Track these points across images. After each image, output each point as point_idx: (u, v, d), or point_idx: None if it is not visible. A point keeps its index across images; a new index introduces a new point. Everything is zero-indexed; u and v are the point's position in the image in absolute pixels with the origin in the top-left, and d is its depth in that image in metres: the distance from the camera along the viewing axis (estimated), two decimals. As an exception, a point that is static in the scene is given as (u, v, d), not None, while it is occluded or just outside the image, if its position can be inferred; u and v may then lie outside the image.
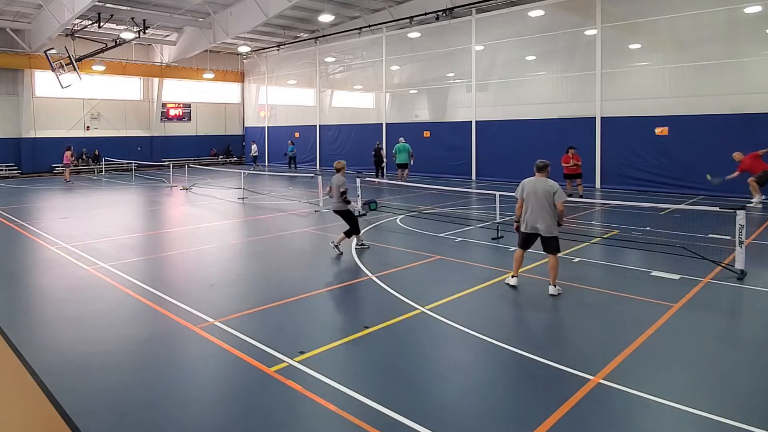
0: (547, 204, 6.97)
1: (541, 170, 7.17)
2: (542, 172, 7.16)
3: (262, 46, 31.55)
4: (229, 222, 13.58)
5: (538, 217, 7.04)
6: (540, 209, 7.01)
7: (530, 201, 7.10)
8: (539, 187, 7.04)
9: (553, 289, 7.09)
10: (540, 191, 7.01)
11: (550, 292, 7.07)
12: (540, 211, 7.01)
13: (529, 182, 7.19)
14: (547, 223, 7.01)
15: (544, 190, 6.99)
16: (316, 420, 4.26)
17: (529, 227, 7.14)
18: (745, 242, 7.72)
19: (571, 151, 16.34)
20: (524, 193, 7.18)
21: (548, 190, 6.97)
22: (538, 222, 7.05)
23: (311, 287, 7.61)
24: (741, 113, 16.17)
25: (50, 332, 6.14)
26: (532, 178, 7.21)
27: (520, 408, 4.37)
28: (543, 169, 7.17)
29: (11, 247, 10.68)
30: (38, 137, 27.26)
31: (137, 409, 4.35)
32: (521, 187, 7.24)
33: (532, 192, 7.09)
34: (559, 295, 7.05)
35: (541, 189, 7.02)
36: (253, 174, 25.94)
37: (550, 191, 6.96)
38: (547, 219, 7.00)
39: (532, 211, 7.09)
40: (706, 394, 4.54)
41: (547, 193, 6.96)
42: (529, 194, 7.12)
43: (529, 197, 7.12)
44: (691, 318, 6.33)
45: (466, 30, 22.36)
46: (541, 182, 7.07)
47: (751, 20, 16.25)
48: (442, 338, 5.81)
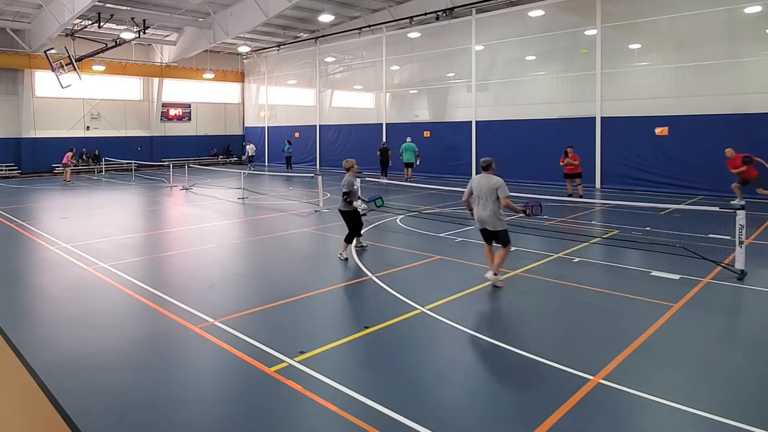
0: (491, 200, 7.24)
1: (486, 168, 7.46)
2: (487, 170, 7.44)
3: (262, 46, 31.56)
4: (229, 222, 13.58)
5: (482, 212, 7.34)
6: (485, 205, 7.30)
7: (477, 198, 7.40)
8: (483, 183, 7.33)
9: (492, 276, 7.31)
10: (484, 188, 7.29)
11: (486, 275, 7.35)
12: (485, 207, 7.30)
13: (476, 179, 7.50)
14: (492, 219, 7.29)
15: (488, 186, 7.27)
16: (316, 420, 4.25)
17: (479, 224, 7.47)
18: (745, 242, 7.72)
19: (568, 149, 16.36)
20: (472, 190, 7.49)
21: (491, 186, 7.24)
22: (482, 217, 7.37)
23: (311, 287, 7.61)
24: (741, 113, 16.17)
25: (50, 332, 6.14)
26: (479, 175, 7.52)
27: (520, 408, 4.37)
28: (488, 168, 7.45)
29: (11, 247, 10.68)
30: (38, 137, 27.26)
31: (137, 409, 4.35)
32: (469, 185, 7.58)
33: (477, 189, 7.39)
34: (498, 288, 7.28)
35: (485, 185, 7.29)
36: (253, 174, 25.94)
37: (493, 187, 7.22)
38: (491, 214, 7.27)
39: (478, 208, 7.40)
40: (706, 394, 4.54)
41: (490, 189, 7.24)
42: (475, 191, 7.42)
43: (475, 194, 7.43)
44: (691, 318, 6.33)
45: (466, 30, 22.35)
46: (485, 179, 7.36)
47: (751, 20, 16.25)
48: (442, 338, 5.81)
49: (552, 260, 8.96)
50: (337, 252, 9.36)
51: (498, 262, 7.35)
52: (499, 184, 7.23)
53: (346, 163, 9.45)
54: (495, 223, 7.30)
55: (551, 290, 7.50)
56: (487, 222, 7.34)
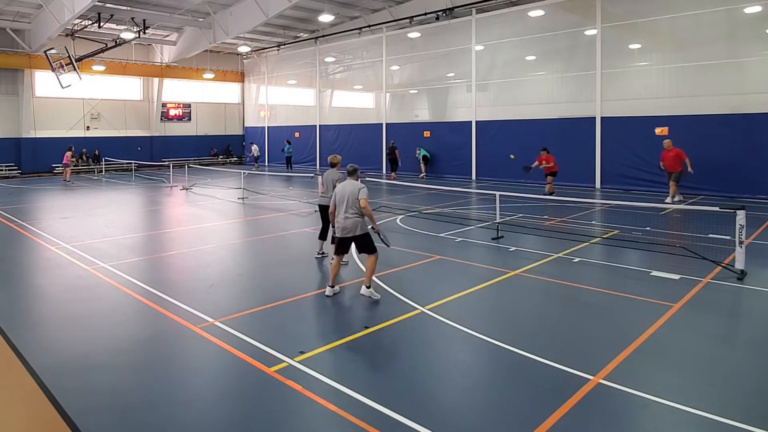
0: (354, 206, 7.03)
1: (351, 174, 7.32)
2: (352, 176, 7.30)
3: (262, 46, 31.55)
4: (229, 222, 13.58)
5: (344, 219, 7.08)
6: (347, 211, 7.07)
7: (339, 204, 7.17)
8: (347, 189, 7.12)
9: (366, 289, 7.06)
10: (348, 193, 7.08)
11: (362, 291, 7.09)
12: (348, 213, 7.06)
13: (339, 186, 7.31)
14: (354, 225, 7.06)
15: (351, 191, 7.07)
16: (316, 420, 4.25)
17: (340, 231, 7.17)
18: (745, 242, 7.72)
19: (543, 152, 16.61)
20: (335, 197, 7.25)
21: (353, 191, 7.06)
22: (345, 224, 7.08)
23: (311, 287, 7.61)
24: (741, 113, 16.17)
25: (50, 332, 6.14)
26: (343, 182, 7.34)
27: (520, 408, 4.37)
28: (352, 173, 7.32)
29: (11, 247, 10.68)
30: (38, 137, 27.26)
31: (137, 409, 4.35)
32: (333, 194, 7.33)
33: (341, 195, 7.15)
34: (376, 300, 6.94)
35: (348, 191, 7.09)
36: (253, 174, 25.93)
37: (356, 191, 7.05)
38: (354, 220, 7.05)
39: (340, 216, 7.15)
40: (706, 394, 4.54)
41: (353, 193, 7.05)
42: (338, 197, 7.18)
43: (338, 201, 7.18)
44: (691, 318, 6.33)
45: (466, 30, 22.35)
46: (349, 184, 7.17)
47: (751, 20, 16.25)
48: (442, 338, 5.81)
49: (552, 260, 8.96)
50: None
51: (370, 273, 7.06)
52: (361, 187, 7.08)
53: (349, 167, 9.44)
54: (356, 228, 7.04)
55: (551, 290, 7.50)
56: (349, 228, 7.04)
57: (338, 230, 7.16)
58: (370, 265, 7.05)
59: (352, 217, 7.01)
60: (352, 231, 7.03)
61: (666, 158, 14.92)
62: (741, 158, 15.90)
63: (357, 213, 7.02)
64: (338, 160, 9.34)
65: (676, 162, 14.61)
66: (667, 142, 15.03)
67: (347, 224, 7.04)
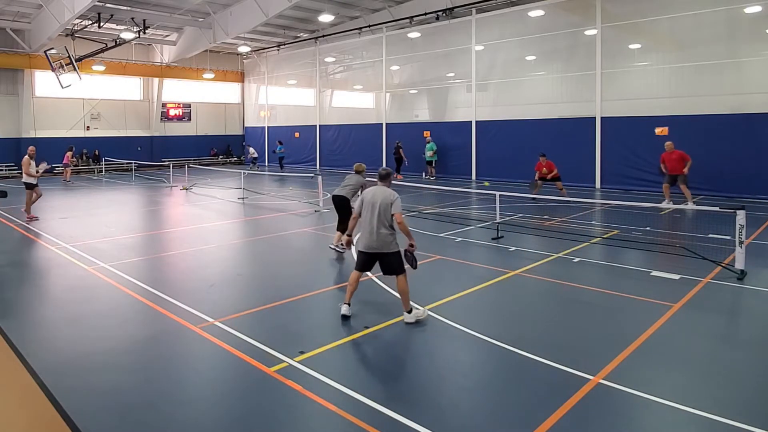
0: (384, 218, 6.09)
1: (383, 179, 6.37)
2: (383, 181, 6.36)
3: (262, 46, 31.55)
4: (229, 222, 13.58)
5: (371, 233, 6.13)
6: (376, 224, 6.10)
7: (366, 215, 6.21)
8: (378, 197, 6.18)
9: (409, 316, 6.10)
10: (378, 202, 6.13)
11: (406, 320, 6.09)
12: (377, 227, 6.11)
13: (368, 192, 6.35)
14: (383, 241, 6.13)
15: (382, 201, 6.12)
16: (316, 420, 4.26)
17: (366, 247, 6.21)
18: (745, 242, 7.72)
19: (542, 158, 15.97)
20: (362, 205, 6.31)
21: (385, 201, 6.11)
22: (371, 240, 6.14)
23: (311, 287, 7.61)
24: (741, 113, 16.16)
25: (50, 332, 6.14)
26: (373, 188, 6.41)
27: (520, 408, 4.37)
28: (385, 178, 6.38)
29: (11, 247, 10.68)
30: (38, 137, 27.23)
31: (137, 409, 4.35)
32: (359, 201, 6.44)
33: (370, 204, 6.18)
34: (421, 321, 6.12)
35: (379, 199, 6.14)
36: (253, 174, 25.93)
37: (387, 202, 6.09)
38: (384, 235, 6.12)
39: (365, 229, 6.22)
40: (706, 394, 4.53)
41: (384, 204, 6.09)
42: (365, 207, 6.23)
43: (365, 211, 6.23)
44: (691, 318, 6.33)
45: (466, 30, 22.35)
46: (380, 192, 6.23)
47: (751, 20, 16.25)
48: (442, 338, 5.81)
49: (552, 260, 8.96)
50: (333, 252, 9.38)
51: (405, 297, 6.12)
52: (395, 198, 6.10)
53: (358, 167, 9.64)
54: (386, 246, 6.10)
55: (551, 290, 7.50)
56: (376, 246, 6.10)
57: (363, 245, 6.20)
58: (402, 288, 6.12)
59: (382, 233, 6.06)
60: (381, 249, 6.10)
61: (669, 160, 14.37)
62: (741, 158, 15.90)
63: (389, 228, 6.09)
64: (363, 168, 9.40)
65: (679, 164, 14.09)
66: (669, 144, 14.54)
67: (376, 240, 6.09)
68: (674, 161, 14.19)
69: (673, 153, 14.23)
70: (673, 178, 14.28)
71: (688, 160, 14.06)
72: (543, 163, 15.96)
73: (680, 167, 14.08)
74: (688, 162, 14.03)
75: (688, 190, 13.99)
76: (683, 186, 14.06)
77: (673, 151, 14.25)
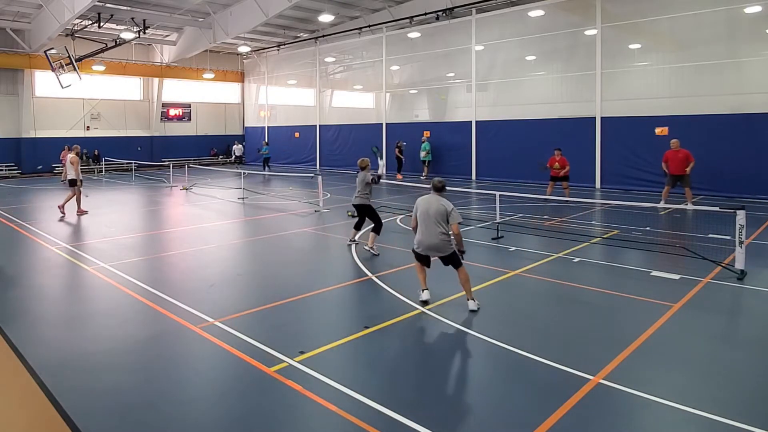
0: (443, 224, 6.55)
1: (439, 190, 6.75)
2: (440, 192, 6.74)
3: (262, 46, 31.55)
4: (229, 222, 13.58)
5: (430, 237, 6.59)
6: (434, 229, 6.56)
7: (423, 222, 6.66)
8: (433, 207, 6.59)
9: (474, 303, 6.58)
10: (433, 211, 6.56)
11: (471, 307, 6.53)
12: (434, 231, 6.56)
13: (423, 202, 6.74)
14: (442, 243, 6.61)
15: (437, 210, 6.55)
16: (316, 420, 4.26)
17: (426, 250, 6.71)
18: (745, 242, 7.72)
19: (557, 152, 15.83)
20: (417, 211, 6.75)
21: (441, 211, 6.54)
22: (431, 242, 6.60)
23: (311, 287, 7.61)
24: (741, 113, 16.17)
25: (50, 332, 6.14)
26: (425, 197, 6.78)
27: (520, 408, 4.37)
28: (440, 189, 6.75)
29: (11, 247, 10.68)
30: (38, 137, 27.26)
31: (137, 409, 4.35)
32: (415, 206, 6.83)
33: (424, 212, 6.63)
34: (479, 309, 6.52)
35: (434, 209, 6.57)
36: (253, 174, 25.90)
37: (443, 212, 6.53)
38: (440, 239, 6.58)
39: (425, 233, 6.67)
40: (706, 394, 4.54)
41: (439, 213, 6.54)
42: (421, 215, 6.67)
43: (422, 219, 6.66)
44: (691, 318, 6.33)
45: (466, 30, 22.36)
46: (435, 201, 6.63)
47: (751, 20, 16.25)
48: (442, 338, 5.81)
49: (552, 260, 8.96)
50: (336, 251, 9.38)
51: (467, 286, 6.61)
52: (451, 209, 6.54)
53: (361, 162, 9.92)
54: (443, 249, 6.59)
55: (551, 290, 7.50)
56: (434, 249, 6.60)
57: (422, 248, 6.69)
58: (464, 279, 6.59)
59: (439, 237, 6.53)
60: (438, 251, 6.62)
61: (673, 160, 13.76)
62: (741, 158, 15.90)
63: (445, 233, 6.54)
64: (367, 163, 9.82)
65: (683, 165, 13.64)
66: (675, 142, 13.94)
67: (434, 244, 6.57)
68: (679, 161, 13.69)
69: (680, 152, 13.73)
70: (675, 179, 13.83)
71: (692, 161, 13.66)
72: (557, 158, 15.80)
73: (683, 167, 13.64)
74: (692, 163, 13.65)
75: (690, 192, 13.77)
76: (687, 189, 13.71)
77: (679, 150, 13.75)
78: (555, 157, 15.84)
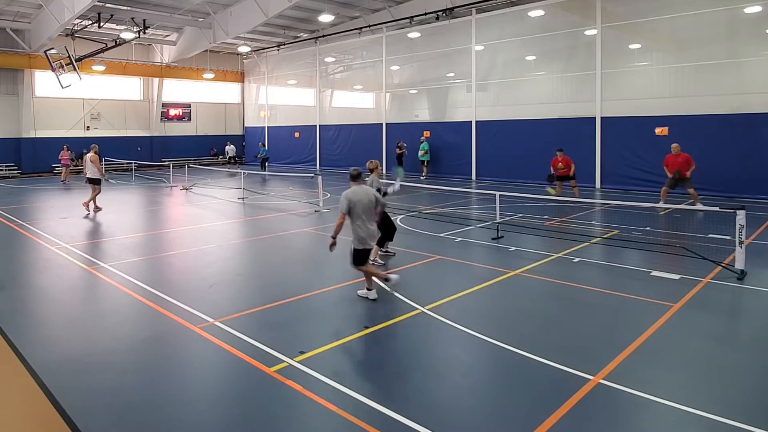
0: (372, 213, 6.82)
1: (355, 178, 6.93)
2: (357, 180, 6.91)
3: (262, 46, 31.55)
4: (229, 222, 13.58)
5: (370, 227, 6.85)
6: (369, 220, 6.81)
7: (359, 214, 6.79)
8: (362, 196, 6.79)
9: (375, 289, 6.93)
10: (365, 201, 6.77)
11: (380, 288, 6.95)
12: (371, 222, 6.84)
13: (351, 193, 6.81)
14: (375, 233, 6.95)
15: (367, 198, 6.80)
16: (316, 420, 4.26)
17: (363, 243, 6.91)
18: (745, 242, 7.72)
19: (558, 153, 16.03)
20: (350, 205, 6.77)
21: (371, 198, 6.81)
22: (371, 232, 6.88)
23: (311, 287, 7.61)
24: (741, 113, 16.17)
25: (50, 332, 6.14)
26: (353, 188, 6.89)
27: (520, 408, 4.37)
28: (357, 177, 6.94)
29: (11, 247, 10.68)
30: (38, 137, 27.26)
31: (137, 409, 4.35)
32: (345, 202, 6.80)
33: (358, 204, 6.75)
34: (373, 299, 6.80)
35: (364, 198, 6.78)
36: (253, 174, 25.90)
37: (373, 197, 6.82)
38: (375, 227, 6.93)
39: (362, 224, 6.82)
40: (706, 394, 4.54)
41: (370, 201, 6.80)
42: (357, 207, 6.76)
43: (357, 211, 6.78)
44: (691, 318, 6.34)
45: (466, 30, 22.35)
46: (362, 191, 6.85)
47: (751, 20, 16.25)
48: (442, 338, 5.81)
49: (552, 260, 8.96)
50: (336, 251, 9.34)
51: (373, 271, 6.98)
52: (374, 191, 6.86)
53: (370, 164, 9.07)
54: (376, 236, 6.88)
55: (551, 290, 7.50)
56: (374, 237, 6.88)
57: (368, 241, 6.87)
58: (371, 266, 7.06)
59: (374, 225, 6.92)
60: (373, 240, 6.93)
61: (674, 164, 13.68)
62: (741, 158, 15.90)
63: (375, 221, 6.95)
64: (376, 164, 8.98)
65: (684, 168, 13.55)
66: (675, 147, 13.81)
67: (373, 233, 6.91)
68: (679, 165, 13.61)
69: (679, 156, 13.65)
70: (675, 181, 13.74)
71: (692, 165, 13.54)
72: (559, 159, 15.88)
73: (684, 171, 13.53)
74: (692, 167, 13.53)
75: (695, 192, 13.62)
76: (691, 190, 13.58)
77: (680, 154, 13.67)
78: (557, 157, 15.97)
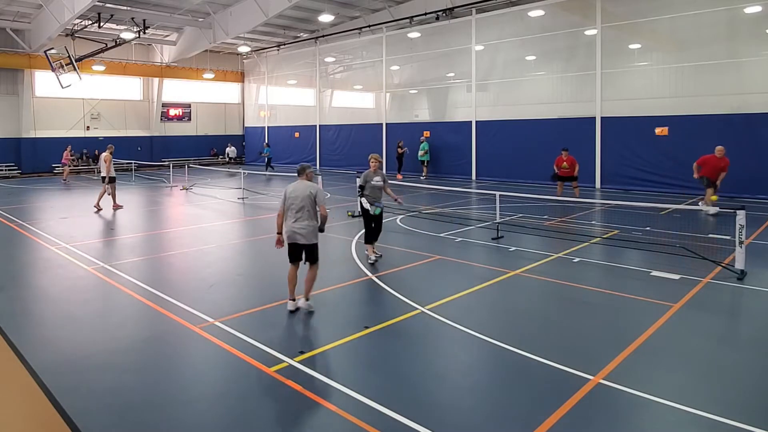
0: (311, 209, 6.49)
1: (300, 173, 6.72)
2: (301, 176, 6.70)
3: (262, 46, 31.54)
4: (229, 222, 13.58)
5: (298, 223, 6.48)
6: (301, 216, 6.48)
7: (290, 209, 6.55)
8: (300, 190, 6.50)
9: (305, 303, 6.55)
10: (301, 195, 6.47)
11: (299, 304, 6.55)
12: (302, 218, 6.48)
13: (290, 188, 6.61)
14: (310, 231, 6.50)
15: (304, 194, 6.47)
16: (316, 420, 4.26)
17: (291, 238, 6.58)
18: (745, 242, 7.72)
19: (564, 152, 15.95)
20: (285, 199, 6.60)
21: (309, 194, 6.48)
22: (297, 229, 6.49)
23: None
24: (741, 113, 16.17)
25: (50, 332, 6.14)
26: (294, 183, 6.67)
27: (520, 408, 4.37)
28: (302, 173, 6.71)
29: (11, 247, 10.68)
30: (38, 137, 27.26)
31: (137, 409, 4.35)
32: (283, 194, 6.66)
33: (292, 198, 6.52)
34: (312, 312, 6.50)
35: (301, 193, 6.48)
36: (253, 174, 25.90)
37: (311, 194, 6.47)
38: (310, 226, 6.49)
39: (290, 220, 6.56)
40: (706, 394, 4.54)
41: (308, 197, 6.46)
42: (289, 201, 6.54)
43: (288, 205, 6.56)
44: (691, 318, 6.34)
45: (466, 30, 22.35)
46: (301, 186, 6.56)
47: (751, 20, 16.25)
48: (442, 338, 5.81)
49: (552, 260, 8.96)
50: (336, 251, 9.38)
51: (311, 285, 6.59)
52: (317, 190, 6.53)
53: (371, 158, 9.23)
54: (312, 236, 6.50)
55: (551, 290, 7.50)
56: (305, 235, 6.45)
57: (290, 234, 6.55)
58: (313, 275, 6.60)
59: (308, 223, 6.46)
60: (305, 239, 6.49)
61: (716, 167, 13.02)
62: (741, 158, 15.87)
63: (315, 219, 6.52)
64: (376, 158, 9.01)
65: (721, 172, 13.03)
66: (720, 149, 13.10)
67: (303, 231, 6.47)
68: (720, 169, 13.03)
69: (722, 160, 13.04)
70: (712, 181, 13.13)
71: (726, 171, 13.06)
72: (564, 158, 15.82)
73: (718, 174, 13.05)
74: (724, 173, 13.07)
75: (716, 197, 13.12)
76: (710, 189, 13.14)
77: (723, 158, 13.05)
78: (562, 156, 15.93)
